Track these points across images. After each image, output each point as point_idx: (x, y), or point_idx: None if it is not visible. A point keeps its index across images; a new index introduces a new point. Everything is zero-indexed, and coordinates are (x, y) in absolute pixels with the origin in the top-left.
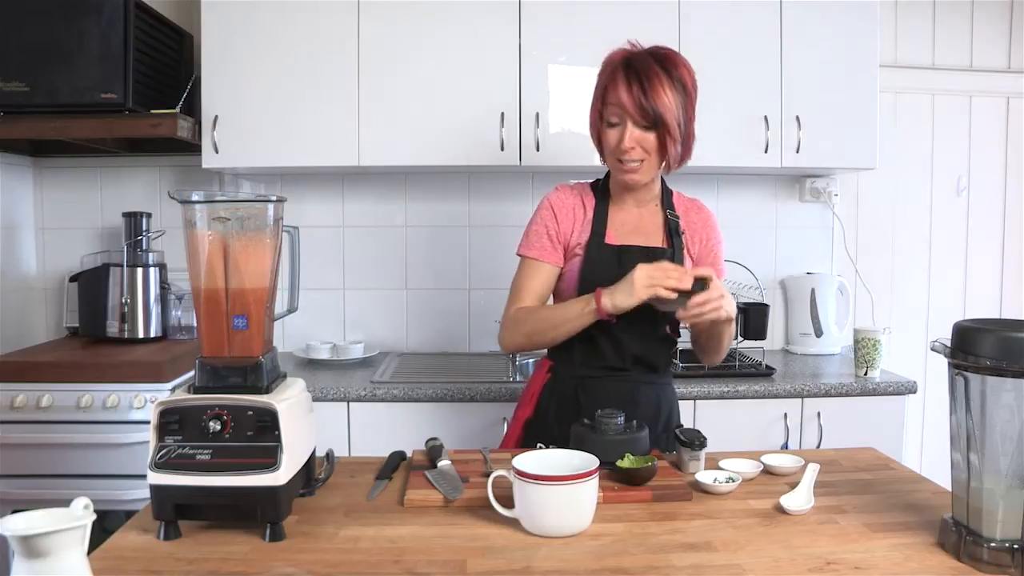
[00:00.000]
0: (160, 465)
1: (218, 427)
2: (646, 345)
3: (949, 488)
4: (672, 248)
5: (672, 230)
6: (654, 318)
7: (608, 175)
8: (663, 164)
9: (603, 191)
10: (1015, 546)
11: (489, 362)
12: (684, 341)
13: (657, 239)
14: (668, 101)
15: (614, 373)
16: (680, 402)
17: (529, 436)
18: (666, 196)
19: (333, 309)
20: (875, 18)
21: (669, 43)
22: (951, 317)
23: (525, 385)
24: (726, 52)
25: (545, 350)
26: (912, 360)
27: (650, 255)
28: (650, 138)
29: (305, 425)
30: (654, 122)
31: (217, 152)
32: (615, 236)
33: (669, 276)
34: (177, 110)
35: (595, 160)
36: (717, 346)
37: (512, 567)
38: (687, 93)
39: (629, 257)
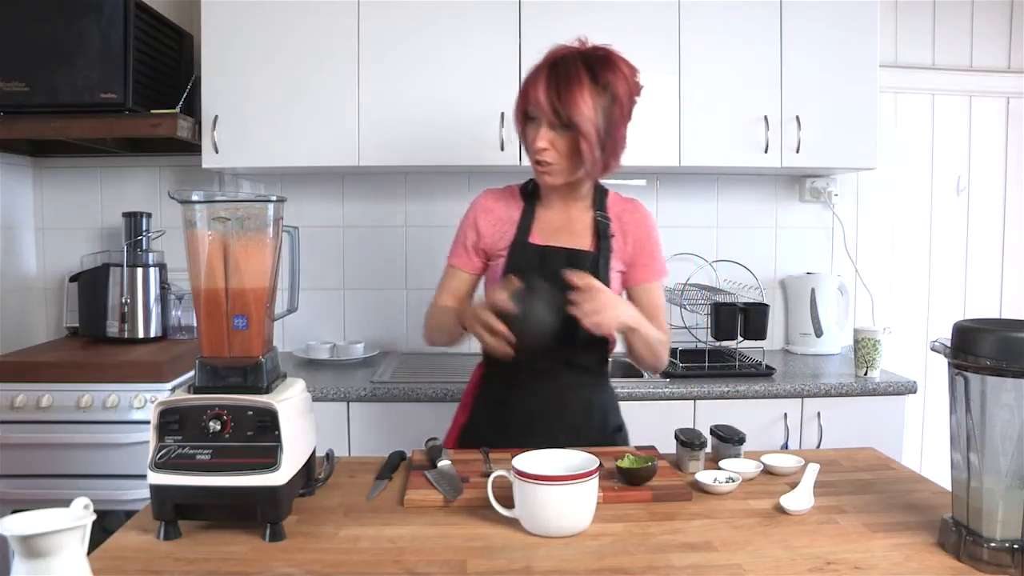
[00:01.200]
0: (160, 465)
1: (218, 427)
2: (574, 348)
3: (949, 488)
4: (598, 251)
5: (601, 232)
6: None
7: (532, 181)
8: (580, 168)
9: (532, 192)
10: (1015, 546)
11: None
12: (685, 342)
13: (585, 241)
14: (585, 105)
15: (543, 377)
16: (680, 402)
17: (464, 442)
18: (599, 197)
19: (333, 309)
20: (875, 18)
21: (669, 43)
22: (951, 317)
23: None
24: (726, 52)
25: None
26: (912, 360)
27: (572, 258)
28: (564, 140)
29: (305, 425)
30: (568, 124)
31: (217, 152)
32: (540, 236)
33: (484, 330)
34: (177, 110)
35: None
36: (636, 356)
37: (512, 567)
38: (616, 99)
39: (552, 258)
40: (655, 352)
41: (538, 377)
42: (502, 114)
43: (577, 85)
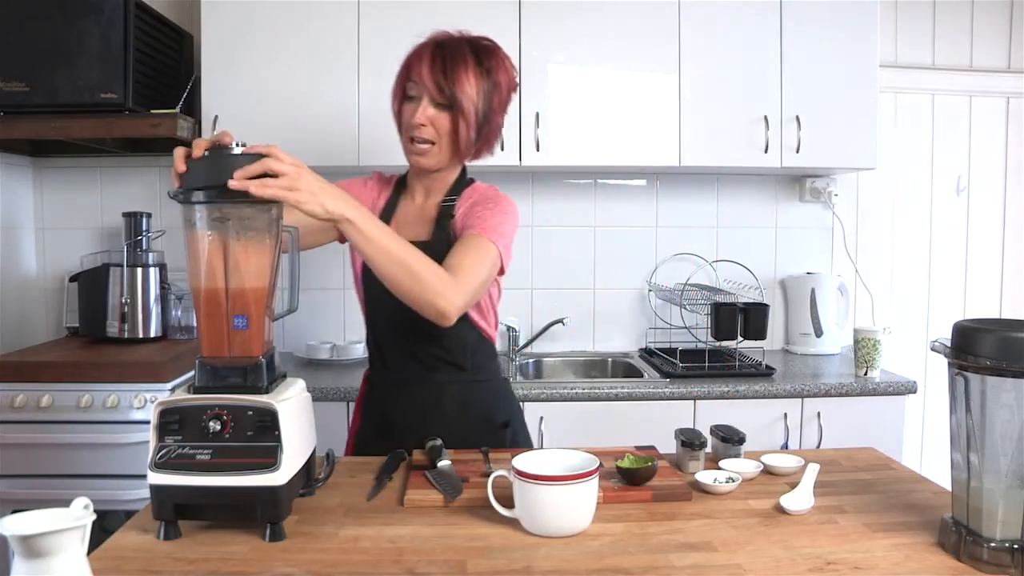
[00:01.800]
0: (160, 465)
1: (218, 427)
2: (446, 346)
3: (949, 488)
4: (431, 241)
5: (441, 215)
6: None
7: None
8: (456, 152)
9: (400, 184)
10: (1015, 546)
11: None
12: (685, 342)
13: (425, 233)
14: (469, 85)
15: (415, 379)
16: (680, 402)
17: (358, 449)
18: (459, 186)
19: (333, 309)
20: (875, 18)
21: (669, 43)
22: (951, 317)
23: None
24: (726, 52)
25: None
26: (912, 360)
27: None
28: (444, 119)
29: (305, 425)
30: (450, 102)
31: None
32: (394, 228)
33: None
34: (177, 110)
35: (595, 160)
36: (381, 275)
37: (512, 567)
38: (497, 86)
39: None
40: (407, 270)
41: (411, 380)
42: None
43: (463, 65)
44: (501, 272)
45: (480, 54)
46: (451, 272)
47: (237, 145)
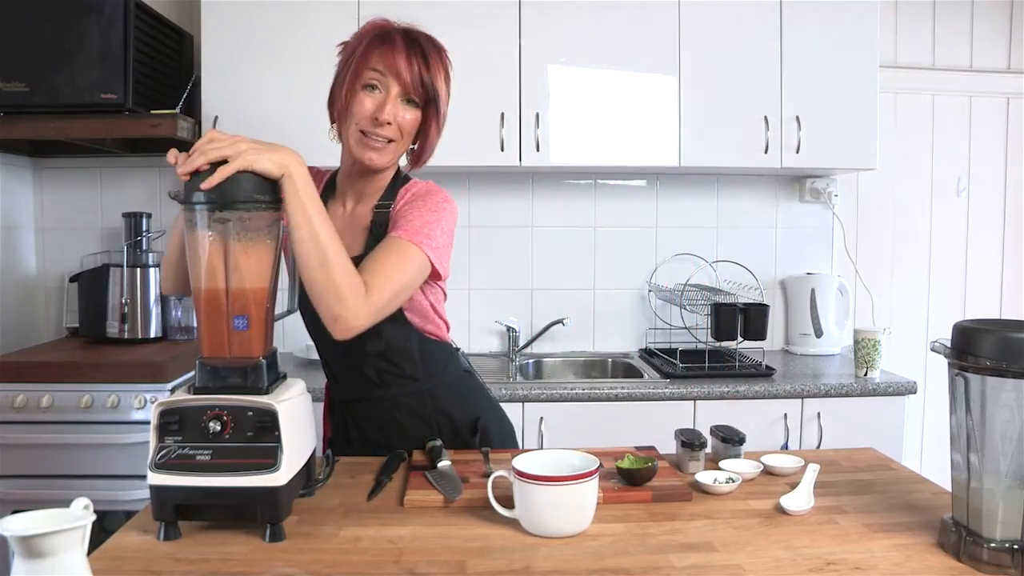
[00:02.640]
0: (160, 465)
1: (218, 428)
2: (392, 359)
3: (949, 488)
4: (365, 253)
5: (375, 225)
6: (394, 338)
7: (335, 173)
8: (412, 153)
9: (329, 186)
10: (1015, 546)
11: (488, 362)
12: (685, 342)
13: (357, 245)
14: (443, 84)
15: (371, 394)
16: (680, 402)
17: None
18: (393, 188)
19: None
20: (875, 18)
21: (669, 43)
22: (951, 317)
23: None
24: (726, 52)
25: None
26: (912, 360)
27: None
28: (411, 116)
29: (305, 426)
30: (426, 98)
31: None
32: None
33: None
34: (177, 110)
35: (595, 160)
36: (298, 251)
37: (512, 567)
38: (448, 84)
39: None
40: (322, 257)
41: (363, 396)
42: (502, 114)
43: (437, 60)
44: (436, 276)
45: (441, 51)
46: (367, 274)
47: None
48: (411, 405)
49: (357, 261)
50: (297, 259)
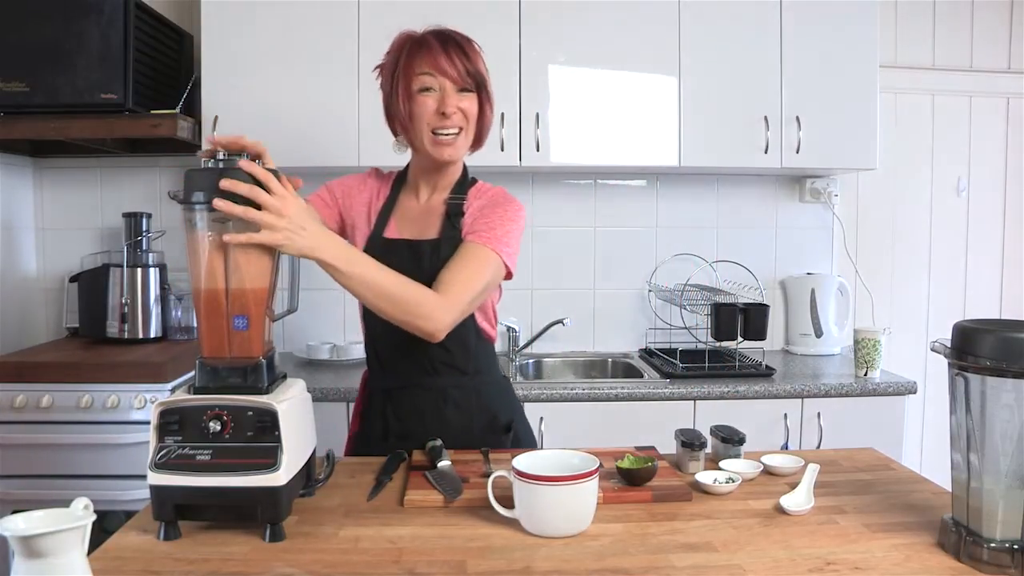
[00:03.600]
0: (160, 465)
1: (218, 427)
2: (447, 347)
3: (949, 488)
4: (441, 239)
5: (451, 213)
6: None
7: (407, 167)
8: (476, 138)
9: (399, 181)
10: (1015, 546)
11: None
12: (685, 342)
13: (433, 230)
14: (484, 68)
15: (421, 382)
16: (680, 402)
17: (357, 451)
18: (463, 184)
19: (333, 309)
20: (875, 18)
21: (669, 43)
22: (951, 317)
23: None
24: (726, 52)
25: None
26: (912, 360)
27: (414, 249)
28: (470, 103)
29: (305, 425)
30: (475, 85)
31: None
32: (395, 228)
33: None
34: (177, 110)
35: (595, 160)
36: (366, 303)
37: (512, 567)
38: (488, 74)
39: (395, 252)
40: (389, 300)
41: (411, 384)
42: (502, 114)
43: (471, 49)
44: (508, 277)
45: (472, 41)
46: (444, 286)
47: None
48: (456, 398)
49: (434, 245)
50: (363, 303)
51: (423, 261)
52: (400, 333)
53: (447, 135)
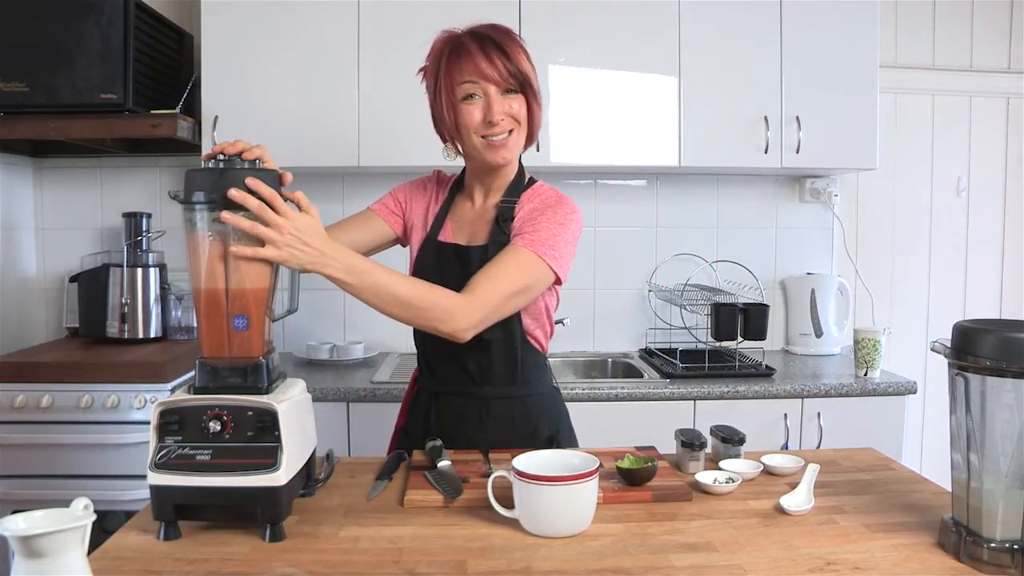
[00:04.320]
0: (160, 465)
1: (218, 427)
2: (495, 357)
3: (949, 488)
4: (489, 244)
5: (500, 218)
6: (500, 333)
7: (464, 171)
8: (528, 137)
9: (456, 184)
10: (1015, 546)
11: None
12: (685, 342)
13: (483, 235)
14: (526, 63)
15: (466, 389)
16: (680, 402)
17: (400, 446)
18: (517, 186)
19: (333, 309)
20: (875, 18)
21: (669, 43)
22: (951, 317)
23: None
24: (726, 52)
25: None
26: (912, 360)
27: (462, 256)
28: (518, 104)
29: (305, 425)
30: (520, 85)
31: None
32: (449, 232)
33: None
34: (177, 110)
35: (595, 160)
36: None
37: (512, 567)
38: (533, 67)
39: (445, 257)
40: (405, 308)
41: (456, 390)
42: None
43: (511, 44)
44: (557, 282)
45: (511, 34)
46: (471, 287)
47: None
48: (498, 408)
49: (481, 251)
50: (379, 312)
51: (471, 267)
52: (447, 341)
53: (497, 139)
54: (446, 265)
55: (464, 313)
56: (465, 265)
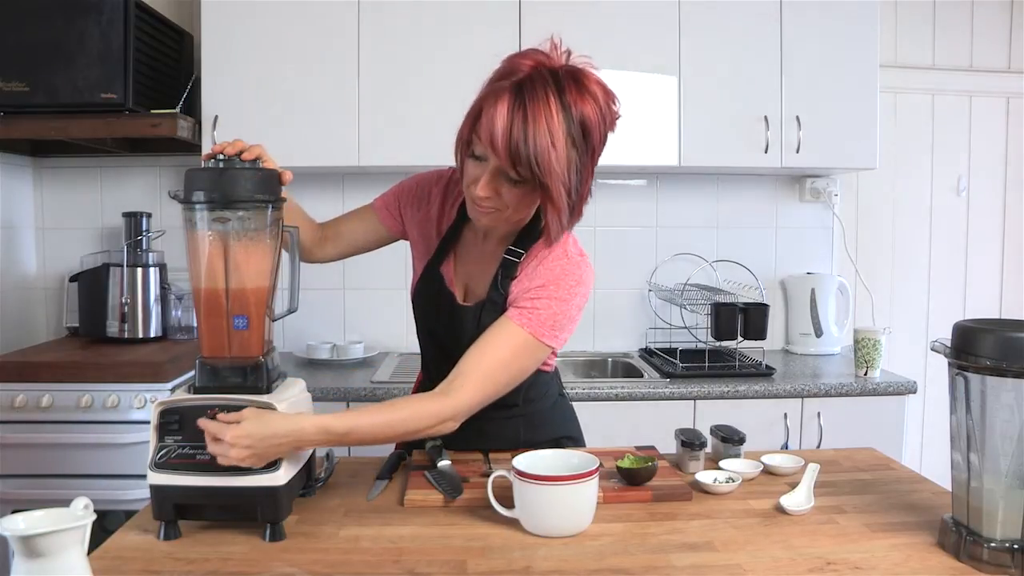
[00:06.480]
0: (160, 465)
1: None
2: None
3: (949, 488)
4: (485, 303)
5: (501, 274)
6: None
7: None
8: (544, 227)
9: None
10: (1015, 546)
11: None
12: (685, 342)
13: (483, 286)
14: (557, 158)
15: None
16: (680, 402)
17: (401, 447)
18: (530, 234)
19: (333, 309)
20: (875, 18)
21: (669, 43)
22: (951, 317)
23: None
24: (726, 52)
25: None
26: (912, 360)
27: (456, 313)
28: (516, 193)
29: None
30: (532, 177)
31: None
32: (451, 267)
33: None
34: (177, 110)
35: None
36: None
37: (512, 567)
38: (588, 138)
39: (442, 302)
40: (390, 435)
41: None
42: None
43: (547, 126)
44: (553, 354)
45: (562, 93)
46: (461, 378)
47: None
48: (499, 426)
49: (475, 312)
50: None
51: (464, 324)
52: (450, 352)
53: (484, 207)
54: (442, 306)
55: (452, 414)
56: (458, 321)
